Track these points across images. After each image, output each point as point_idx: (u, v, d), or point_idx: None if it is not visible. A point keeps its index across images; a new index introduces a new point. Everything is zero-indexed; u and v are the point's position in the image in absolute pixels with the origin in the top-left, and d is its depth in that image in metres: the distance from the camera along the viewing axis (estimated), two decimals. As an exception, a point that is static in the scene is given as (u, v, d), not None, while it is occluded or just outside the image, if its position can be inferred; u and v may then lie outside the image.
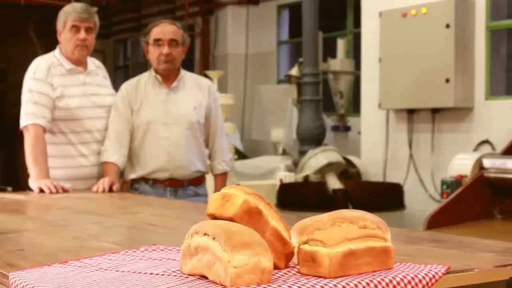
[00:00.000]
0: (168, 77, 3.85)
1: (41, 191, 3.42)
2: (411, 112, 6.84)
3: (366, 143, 7.37)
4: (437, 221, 4.51)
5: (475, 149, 6.23)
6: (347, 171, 6.95)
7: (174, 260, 1.59)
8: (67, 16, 3.76)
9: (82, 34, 3.73)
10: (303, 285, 1.30)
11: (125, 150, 3.82)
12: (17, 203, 3.09)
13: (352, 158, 7.12)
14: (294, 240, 1.49)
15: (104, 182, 3.56)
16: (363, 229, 1.44)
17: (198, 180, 3.90)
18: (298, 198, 6.37)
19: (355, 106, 8.64)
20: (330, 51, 8.39)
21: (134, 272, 1.46)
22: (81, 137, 3.74)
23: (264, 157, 8.44)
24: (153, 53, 3.80)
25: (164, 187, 3.83)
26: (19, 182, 10.79)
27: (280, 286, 1.29)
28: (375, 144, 7.20)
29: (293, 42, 10.07)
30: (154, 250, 1.71)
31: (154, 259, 1.60)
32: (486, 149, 6.16)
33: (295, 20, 9.61)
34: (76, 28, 3.73)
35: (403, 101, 6.76)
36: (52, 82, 3.70)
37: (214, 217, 1.49)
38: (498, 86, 6.59)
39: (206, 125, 3.94)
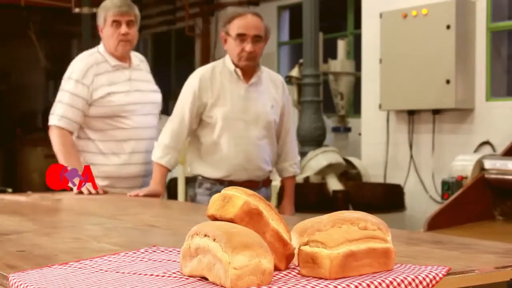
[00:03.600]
0: (247, 71, 3.58)
1: (81, 192, 3.40)
2: (411, 113, 6.84)
3: (367, 144, 7.37)
4: (437, 223, 4.50)
5: (476, 150, 6.23)
6: (348, 172, 6.95)
7: (174, 261, 1.58)
8: (106, 11, 3.64)
9: (123, 29, 3.63)
10: (303, 286, 1.30)
11: (180, 149, 3.60)
12: (17, 205, 3.09)
13: (353, 159, 7.12)
14: (295, 241, 1.49)
15: (140, 192, 3.42)
16: (364, 230, 1.44)
17: (269, 181, 3.74)
18: (299, 199, 6.35)
19: (355, 107, 8.64)
20: (330, 52, 8.39)
21: (134, 274, 1.46)
22: (125, 135, 3.64)
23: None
24: (234, 48, 3.52)
25: None
26: (19, 184, 10.81)
27: (280, 287, 1.29)
28: (376, 145, 7.20)
29: (294, 43, 10.08)
30: (154, 251, 1.71)
31: (154, 261, 1.60)
32: (486, 150, 6.16)
33: (295, 21, 9.61)
34: (117, 23, 3.63)
35: (404, 102, 6.76)
36: (90, 83, 3.60)
37: (214, 218, 1.49)
38: (499, 87, 6.59)
39: (279, 124, 3.71)
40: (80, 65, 3.65)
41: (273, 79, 3.72)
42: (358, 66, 7.98)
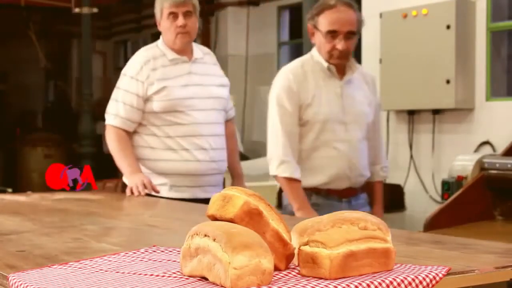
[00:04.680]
0: (340, 67, 3.31)
1: (132, 192, 3.29)
2: (411, 113, 6.84)
3: (367, 144, 7.36)
4: (437, 222, 4.50)
5: (476, 150, 6.23)
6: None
7: (174, 261, 1.58)
8: (162, 3, 3.48)
9: (180, 21, 3.44)
10: (303, 286, 1.30)
11: (296, 157, 3.29)
12: (17, 204, 3.09)
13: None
14: (295, 241, 1.49)
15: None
16: (364, 230, 1.44)
17: (364, 188, 3.43)
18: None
19: (355, 107, 8.63)
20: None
21: (134, 274, 1.46)
22: (182, 130, 3.44)
23: (265, 158, 8.44)
24: (324, 45, 3.24)
25: (339, 198, 3.30)
26: (19, 184, 10.81)
27: (280, 287, 1.29)
28: (376, 145, 7.19)
29: (294, 43, 10.07)
30: (154, 251, 1.71)
31: (154, 261, 1.60)
32: (486, 150, 6.15)
33: (295, 21, 9.61)
34: (173, 15, 3.46)
35: (404, 102, 6.76)
36: (145, 78, 3.44)
37: (214, 218, 1.49)
38: (499, 87, 6.58)
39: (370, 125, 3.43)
40: (135, 61, 3.52)
41: (364, 74, 3.47)
42: (358, 66, 7.97)
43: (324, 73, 3.29)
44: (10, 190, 8.66)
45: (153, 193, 3.34)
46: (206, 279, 1.39)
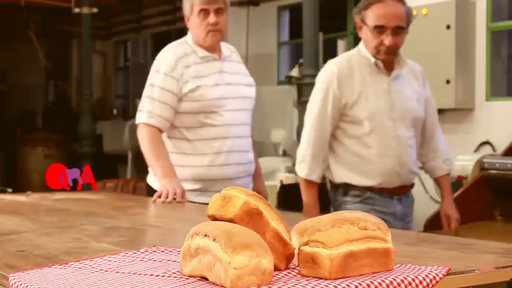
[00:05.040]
0: (387, 62, 3.20)
1: (160, 197, 3.10)
2: (411, 113, 6.84)
3: (367, 144, 7.35)
4: (437, 223, 4.50)
5: (476, 150, 6.23)
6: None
7: (174, 261, 1.58)
8: None
9: (212, 18, 3.27)
10: (303, 286, 1.30)
11: (326, 159, 3.23)
12: (17, 204, 3.09)
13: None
14: (295, 241, 1.49)
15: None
16: (364, 230, 1.44)
17: (413, 185, 3.37)
18: (299, 199, 6.36)
19: (355, 107, 8.63)
20: (330, 52, 8.38)
21: (134, 274, 1.46)
22: (216, 132, 3.28)
23: (265, 158, 8.44)
24: (371, 40, 3.15)
25: (391, 196, 3.22)
26: (19, 184, 10.81)
27: (280, 287, 1.29)
28: (376, 145, 7.19)
29: (294, 43, 10.07)
30: (154, 251, 1.71)
31: (154, 261, 1.60)
32: (486, 150, 6.15)
33: (295, 21, 9.60)
34: (204, 12, 3.29)
35: (404, 102, 6.76)
36: (180, 76, 3.27)
37: (214, 219, 1.49)
38: (499, 87, 6.58)
39: (424, 119, 3.32)
40: (169, 57, 3.34)
41: (412, 68, 3.34)
42: (358, 66, 7.97)
43: (371, 69, 3.19)
44: (10, 190, 8.66)
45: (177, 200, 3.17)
46: (206, 279, 1.39)
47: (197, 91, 3.26)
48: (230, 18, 12.70)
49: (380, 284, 1.32)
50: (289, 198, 6.37)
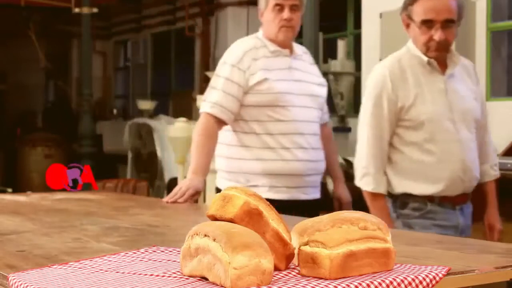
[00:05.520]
0: (440, 60, 2.97)
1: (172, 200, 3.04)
2: (411, 113, 6.84)
3: (367, 144, 7.35)
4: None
5: (476, 150, 6.22)
6: (348, 172, 6.94)
7: (174, 261, 1.58)
8: None
9: (286, 14, 3.20)
10: (303, 286, 1.30)
11: (385, 166, 3.00)
12: (17, 204, 3.09)
13: (353, 159, 7.11)
14: (295, 241, 1.49)
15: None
16: (364, 230, 1.44)
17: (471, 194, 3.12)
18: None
19: (355, 107, 8.64)
20: (330, 52, 8.38)
21: (134, 274, 1.46)
22: (283, 127, 3.18)
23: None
24: (419, 36, 2.97)
25: (452, 207, 2.99)
26: (19, 184, 10.81)
27: (280, 287, 1.29)
28: (376, 145, 7.19)
29: (294, 43, 10.07)
30: (154, 251, 1.71)
31: (154, 261, 1.60)
32: (486, 150, 6.15)
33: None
34: (279, 7, 3.21)
35: (404, 102, 6.76)
36: (247, 68, 3.19)
37: (214, 219, 1.49)
38: (499, 87, 6.59)
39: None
40: (237, 49, 3.28)
41: (464, 65, 3.10)
42: (358, 66, 7.98)
43: (424, 68, 2.96)
44: (10, 190, 8.66)
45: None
46: (206, 279, 1.39)
47: (264, 84, 3.18)
48: (231, 18, 12.70)
49: (380, 284, 1.32)
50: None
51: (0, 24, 11.92)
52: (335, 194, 3.51)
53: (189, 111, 10.36)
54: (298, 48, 3.40)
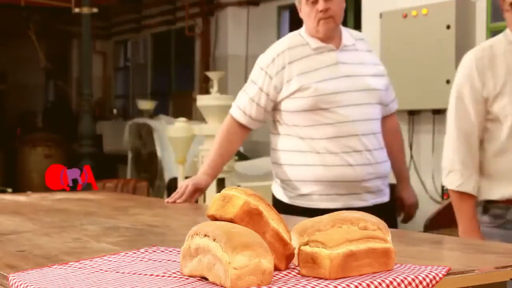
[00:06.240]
0: None
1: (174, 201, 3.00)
2: (411, 113, 6.84)
3: (367, 144, 7.35)
4: (437, 223, 4.50)
5: (476, 150, 6.22)
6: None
7: (174, 261, 1.58)
8: None
9: (321, 5, 2.92)
10: (303, 286, 1.30)
11: (477, 166, 2.67)
12: (17, 204, 3.09)
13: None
14: (295, 241, 1.49)
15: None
16: (364, 230, 1.44)
17: None
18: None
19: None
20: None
21: (134, 274, 1.46)
22: (329, 131, 2.92)
23: (265, 158, 8.44)
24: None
25: None
26: (19, 184, 10.81)
27: (280, 287, 1.29)
28: (376, 145, 7.19)
29: (294, 43, 10.08)
30: (154, 251, 1.71)
31: (154, 261, 1.60)
32: (486, 150, 6.15)
33: (295, 21, 9.61)
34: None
35: (404, 102, 6.73)
36: (276, 73, 2.99)
37: (214, 219, 1.49)
38: (499, 87, 6.58)
39: None
40: (270, 50, 3.08)
41: None
42: (358, 66, 7.97)
43: None
44: (10, 190, 8.66)
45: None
46: (206, 279, 1.39)
47: (303, 89, 2.94)
48: (231, 18, 12.72)
49: (380, 284, 1.32)
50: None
51: (0, 24, 11.92)
52: (398, 195, 3.20)
53: (189, 111, 10.36)
54: (349, 37, 3.09)
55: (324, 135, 2.92)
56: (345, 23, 10.50)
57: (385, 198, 3.06)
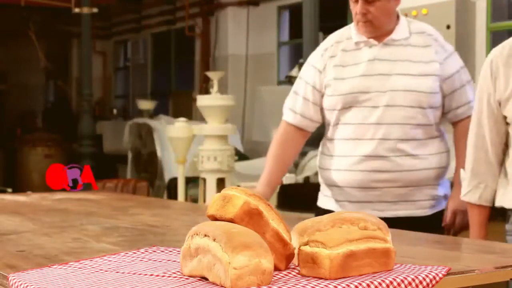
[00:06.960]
0: None
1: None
2: (411, 113, 6.84)
3: (367, 144, 7.35)
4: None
5: (476, 150, 6.21)
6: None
7: (174, 261, 1.58)
8: None
9: (359, 7, 2.70)
10: (303, 286, 1.30)
11: (495, 178, 2.46)
12: (17, 204, 3.09)
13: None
14: (295, 241, 1.49)
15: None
16: (364, 230, 1.44)
17: None
18: (299, 199, 6.36)
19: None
20: (330, 52, 8.36)
21: (134, 274, 1.46)
22: (354, 132, 2.71)
23: (265, 158, 8.45)
24: None
25: None
26: (19, 184, 10.82)
27: (280, 287, 1.29)
28: (376, 145, 7.18)
29: (294, 43, 10.07)
30: (154, 251, 1.71)
31: (154, 261, 1.60)
32: (486, 150, 6.15)
33: (295, 21, 9.60)
34: (355, 0, 2.73)
35: (404, 102, 6.76)
36: (323, 68, 2.80)
37: (214, 219, 1.49)
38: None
39: None
40: (320, 45, 2.90)
41: None
42: (358, 66, 7.96)
43: None
44: (10, 190, 8.66)
45: None
46: (206, 279, 1.39)
47: (332, 84, 2.77)
48: (231, 18, 12.72)
49: (380, 284, 1.32)
50: (289, 198, 6.36)
51: (0, 24, 11.92)
52: (447, 203, 2.90)
53: (189, 111, 10.37)
54: (404, 30, 2.82)
55: (348, 136, 2.74)
56: (345, 23, 10.46)
57: (425, 210, 2.82)
